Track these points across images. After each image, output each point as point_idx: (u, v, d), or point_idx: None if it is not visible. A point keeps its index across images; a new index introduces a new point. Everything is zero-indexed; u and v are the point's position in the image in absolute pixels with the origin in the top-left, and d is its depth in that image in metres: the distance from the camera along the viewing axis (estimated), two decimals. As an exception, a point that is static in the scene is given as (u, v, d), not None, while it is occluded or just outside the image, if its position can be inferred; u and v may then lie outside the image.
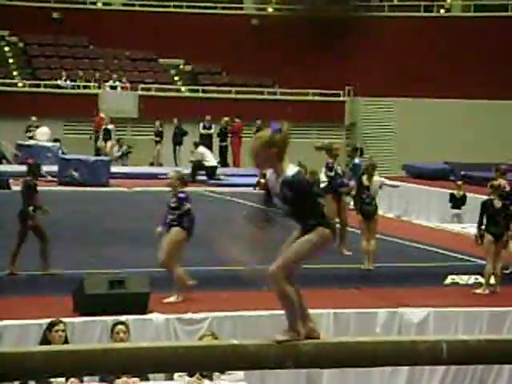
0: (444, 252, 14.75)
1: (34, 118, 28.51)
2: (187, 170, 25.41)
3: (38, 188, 12.48)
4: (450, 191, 19.47)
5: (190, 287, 11.21)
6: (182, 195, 11.20)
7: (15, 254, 11.97)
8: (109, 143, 29.08)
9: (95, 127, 29.13)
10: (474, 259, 13.99)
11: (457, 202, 19.03)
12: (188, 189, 11.56)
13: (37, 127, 28.34)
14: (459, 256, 14.36)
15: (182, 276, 11.18)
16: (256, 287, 11.77)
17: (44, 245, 12.01)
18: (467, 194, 19.10)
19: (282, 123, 5.02)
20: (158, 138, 29.64)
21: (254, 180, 23.82)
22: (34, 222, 12.07)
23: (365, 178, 13.35)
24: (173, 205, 11.19)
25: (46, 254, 12.00)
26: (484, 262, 13.37)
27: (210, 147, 27.36)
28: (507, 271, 13.10)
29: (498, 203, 12.66)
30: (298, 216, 5.05)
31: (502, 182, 13.27)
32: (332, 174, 14.53)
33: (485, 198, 13.20)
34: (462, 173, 22.62)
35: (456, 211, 19.13)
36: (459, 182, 19.56)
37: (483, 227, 12.68)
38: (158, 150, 29.69)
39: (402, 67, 31.52)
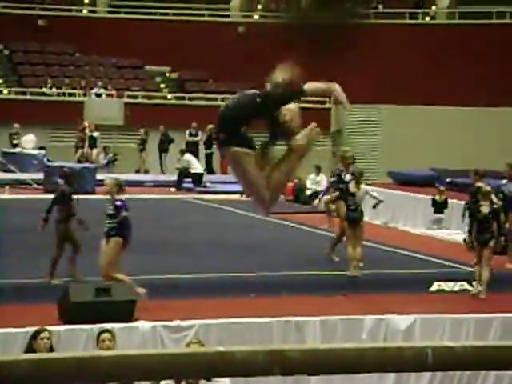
0: (430, 259, 14.79)
1: (16, 126, 28.41)
2: (173, 177, 25.45)
3: (23, 196, 12.50)
4: (432, 196, 19.66)
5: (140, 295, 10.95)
6: (118, 203, 11.11)
7: (72, 261, 12.19)
8: (94, 151, 29.04)
9: (79, 135, 28.90)
10: (459, 266, 14.03)
11: (438, 206, 19.18)
12: (174, 196, 11.65)
13: (17, 134, 28.23)
14: (445, 263, 14.40)
15: (126, 281, 11.03)
16: (242, 294, 11.80)
17: (58, 254, 12.16)
18: (453, 201, 19.19)
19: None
20: (141, 146, 29.64)
21: (240, 187, 23.84)
22: (66, 230, 12.19)
23: (351, 185, 13.40)
24: (110, 212, 11.10)
25: (54, 264, 12.12)
26: (471, 269, 13.47)
27: (196, 154, 27.36)
28: None
29: (485, 209, 12.75)
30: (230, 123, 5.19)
31: (486, 187, 13.33)
32: (334, 179, 14.38)
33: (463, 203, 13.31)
34: (448, 179, 22.69)
35: (438, 216, 19.29)
36: (441, 188, 19.72)
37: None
38: (144, 158, 29.69)
39: (388, 74, 31.64)
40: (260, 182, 5.12)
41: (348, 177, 14.02)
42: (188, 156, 25.56)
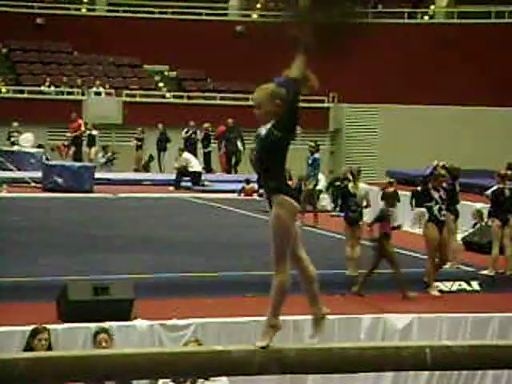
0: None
1: (15, 124, 28.39)
2: (172, 176, 25.43)
3: (22, 195, 12.45)
4: (381, 189, 20.59)
5: None
6: None
7: (368, 276, 12.25)
8: (93, 149, 29.02)
9: (73, 132, 28.69)
10: (458, 265, 14.02)
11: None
12: (172, 195, 11.61)
13: (18, 133, 28.24)
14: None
15: None
16: (240, 293, 11.80)
17: (395, 270, 12.23)
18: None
19: (287, 77, 5.06)
20: (139, 143, 29.64)
21: (238, 186, 23.85)
22: (384, 247, 12.22)
23: (351, 185, 13.38)
24: None
25: (399, 279, 12.20)
26: (468, 269, 13.50)
27: (194, 153, 27.36)
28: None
29: (507, 191, 13.41)
30: (265, 173, 5.04)
31: (508, 172, 14.02)
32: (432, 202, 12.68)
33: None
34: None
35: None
36: (391, 180, 20.55)
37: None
38: (139, 157, 29.69)
39: (386, 74, 31.63)
40: (290, 246, 5.13)
41: (436, 194, 12.67)
42: (187, 155, 25.54)
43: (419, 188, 14.66)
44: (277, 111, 4.98)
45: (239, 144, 28.74)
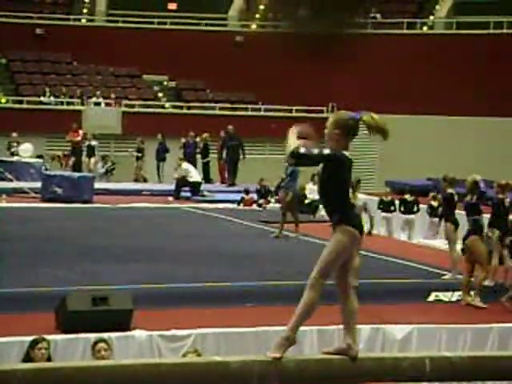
0: (427, 268, 14.77)
1: (14, 134, 28.43)
2: (171, 186, 25.44)
3: (21, 205, 12.43)
4: (379, 197, 21.57)
5: None
6: None
7: None
8: (92, 159, 29.04)
9: (73, 143, 28.75)
10: (458, 275, 14.00)
11: (385, 206, 20.96)
12: (173, 205, 11.63)
13: (17, 143, 28.27)
14: (442, 273, 14.38)
15: None
16: (240, 303, 11.79)
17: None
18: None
19: (365, 113, 5.15)
20: (139, 154, 29.66)
21: (238, 196, 23.85)
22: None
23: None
24: None
25: None
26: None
27: (193, 163, 27.34)
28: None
29: (507, 202, 13.55)
30: (327, 206, 5.20)
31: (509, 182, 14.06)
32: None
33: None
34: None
35: (385, 214, 20.93)
36: (387, 190, 22.05)
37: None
38: (138, 167, 29.69)
39: (385, 84, 31.67)
40: (334, 270, 5.39)
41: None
42: (186, 165, 25.54)
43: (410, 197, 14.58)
44: (333, 140, 5.18)
45: (240, 152, 28.22)
